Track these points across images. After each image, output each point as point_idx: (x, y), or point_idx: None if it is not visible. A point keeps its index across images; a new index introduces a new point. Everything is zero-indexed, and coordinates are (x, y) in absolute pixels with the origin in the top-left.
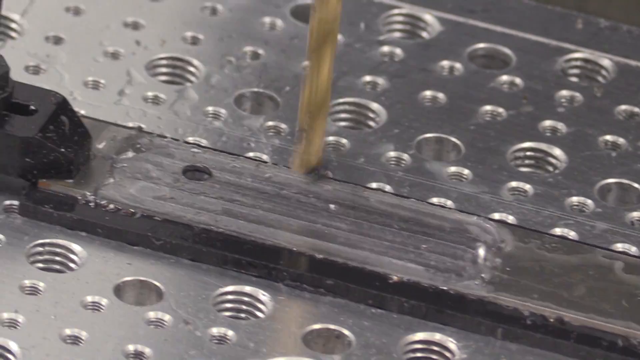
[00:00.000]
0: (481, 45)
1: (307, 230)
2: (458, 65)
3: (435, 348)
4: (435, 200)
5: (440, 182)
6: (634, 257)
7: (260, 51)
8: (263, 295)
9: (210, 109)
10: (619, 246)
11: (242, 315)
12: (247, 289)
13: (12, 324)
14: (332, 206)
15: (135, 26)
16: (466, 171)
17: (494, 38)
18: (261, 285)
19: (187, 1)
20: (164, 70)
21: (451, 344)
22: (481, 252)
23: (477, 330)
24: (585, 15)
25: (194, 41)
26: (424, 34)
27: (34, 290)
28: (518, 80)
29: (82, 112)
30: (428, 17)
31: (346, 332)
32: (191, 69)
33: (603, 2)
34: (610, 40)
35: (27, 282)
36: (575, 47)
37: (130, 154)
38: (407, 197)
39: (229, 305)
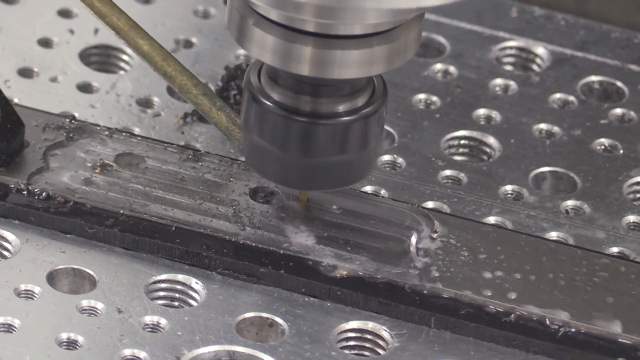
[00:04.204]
0: None
1: (238, 219)
2: None
3: (369, 336)
4: (369, 188)
5: (374, 171)
6: (567, 245)
7: (194, 40)
8: (196, 284)
9: (143, 97)
10: (554, 235)
11: (175, 303)
12: (180, 277)
13: None
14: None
15: (68, 14)
16: (400, 159)
17: (428, 27)
18: (194, 273)
19: None
20: (97, 59)
21: (384, 332)
22: (414, 240)
23: (410, 319)
24: (520, 4)
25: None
26: None
27: None
28: (452, 69)
29: (16, 100)
30: None
31: (279, 320)
32: (125, 57)
33: (603, 3)
34: (544, 29)
35: None
36: (509, 36)
37: (63, 142)
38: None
39: (162, 293)
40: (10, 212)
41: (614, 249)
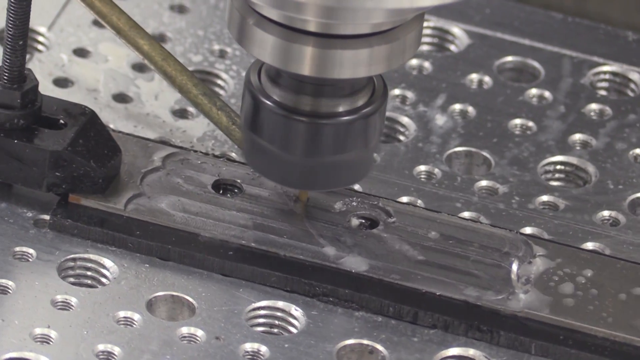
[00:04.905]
0: (509, 58)
1: (339, 245)
2: (487, 78)
3: None
4: (467, 214)
5: (472, 196)
6: None
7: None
8: (296, 310)
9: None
10: None
11: (275, 330)
12: (280, 304)
13: (45, 340)
14: (356, 220)
15: (163, 39)
16: (497, 185)
17: (523, 51)
18: (294, 300)
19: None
20: None
21: (484, 359)
22: (514, 267)
23: (511, 346)
24: (613, 28)
25: (222, 54)
26: (452, 47)
27: (66, 306)
28: (547, 94)
29: (111, 125)
30: (456, 30)
31: (379, 347)
32: (219, 82)
33: (603, 3)
34: (638, 54)
35: (59, 298)
36: (603, 60)
37: (160, 168)
38: (439, 211)
39: (261, 320)
40: (108, 238)
41: None
